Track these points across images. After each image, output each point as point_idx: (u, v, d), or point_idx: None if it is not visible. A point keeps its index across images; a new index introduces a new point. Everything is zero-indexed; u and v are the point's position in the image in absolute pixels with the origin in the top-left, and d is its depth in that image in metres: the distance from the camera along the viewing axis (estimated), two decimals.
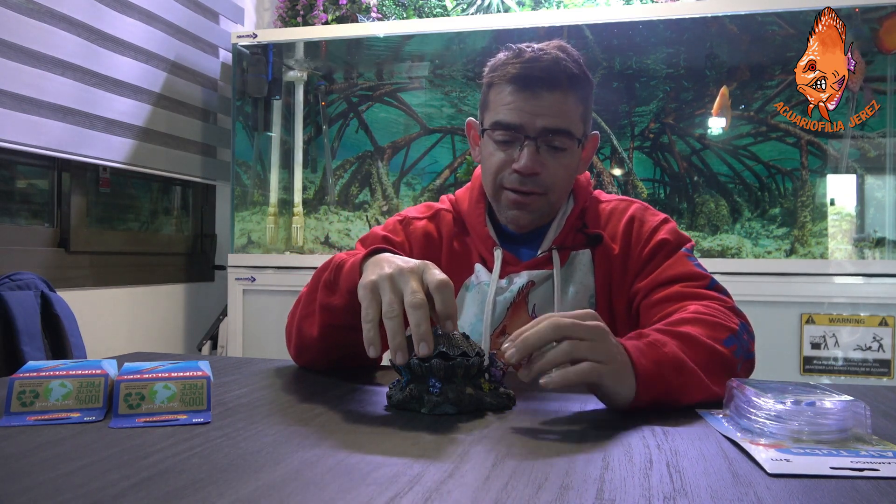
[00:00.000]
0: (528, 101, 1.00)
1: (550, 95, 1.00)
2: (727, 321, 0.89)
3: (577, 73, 1.02)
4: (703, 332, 0.84)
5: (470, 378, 0.73)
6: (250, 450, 0.58)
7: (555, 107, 1.00)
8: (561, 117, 1.01)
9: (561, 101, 1.01)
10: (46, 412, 0.68)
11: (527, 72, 1.00)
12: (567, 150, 1.03)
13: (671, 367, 0.75)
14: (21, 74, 1.86)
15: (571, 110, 1.02)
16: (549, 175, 1.03)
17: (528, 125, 1.01)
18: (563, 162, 1.04)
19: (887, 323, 1.97)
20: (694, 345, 0.81)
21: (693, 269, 1.01)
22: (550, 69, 1.00)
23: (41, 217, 2.17)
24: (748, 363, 0.89)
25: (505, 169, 1.04)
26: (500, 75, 1.03)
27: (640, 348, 0.75)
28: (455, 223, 1.15)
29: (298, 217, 2.63)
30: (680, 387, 0.75)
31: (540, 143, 1.02)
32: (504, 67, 1.02)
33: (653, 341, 0.77)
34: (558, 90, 1.00)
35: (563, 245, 1.09)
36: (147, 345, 2.44)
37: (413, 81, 2.61)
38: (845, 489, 0.50)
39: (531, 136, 1.01)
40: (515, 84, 1.01)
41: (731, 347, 0.85)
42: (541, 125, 1.01)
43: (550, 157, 1.03)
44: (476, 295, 1.09)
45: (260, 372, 0.97)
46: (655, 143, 2.34)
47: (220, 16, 2.75)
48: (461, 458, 0.56)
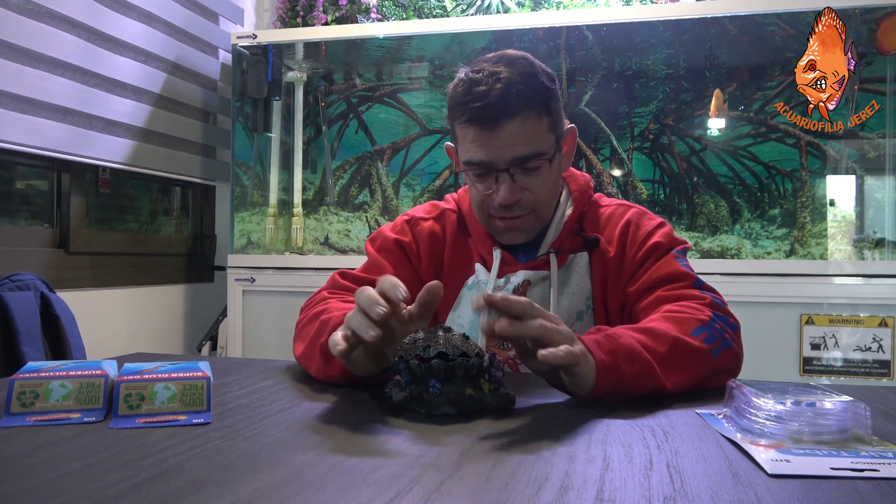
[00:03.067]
0: (491, 138, 0.99)
1: (509, 124, 0.98)
2: (696, 314, 0.91)
3: (530, 92, 0.99)
4: (670, 326, 0.87)
5: (470, 379, 0.73)
6: (250, 450, 0.58)
7: (517, 134, 0.99)
8: (526, 143, 1.00)
9: (521, 126, 0.99)
10: (46, 413, 0.68)
11: (480, 110, 0.98)
12: (541, 168, 1.03)
13: (625, 356, 0.78)
14: (21, 75, 1.86)
15: (535, 130, 1.01)
16: (532, 195, 1.04)
17: (497, 159, 1.00)
18: (542, 178, 1.04)
19: (887, 324, 1.97)
20: (656, 336, 0.83)
21: (679, 269, 1.02)
22: (502, 99, 0.97)
23: (41, 218, 2.17)
24: (728, 352, 0.90)
25: (487, 200, 1.05)
26: (458, 116, 1.02)
27: (597, 341, 0.78)
28: (458, 223, 1.16)
29: (298, 218, 2.63)
30: (634, 375, 0.78)
31: (514, 171, 1.01)
32: (460, 108, 1.01)
33: (610, 334, 0.80)
34: (517, 117, 0.98)
35: (561, 248, 1.10)
36: (147, 345, 2.44)
37: (413, 82, 2.61)
38: (845, 490, 0.50)
39: (502, 169, 1.01)
40: (473, 124, 1.00)
41: (700, 336, 0.87)
42: (509, 156, 1.00)
43: (528, 180, 1.03)
44: (475, 293, 1.10)
45: (260, 372, 0.97)
46: (655, 144, 2.35)
47: (220, 16, 2.75)
48: (461, 458, 0.56)
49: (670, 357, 0.82)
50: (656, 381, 0.80)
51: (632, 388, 0.78)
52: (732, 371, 0.92)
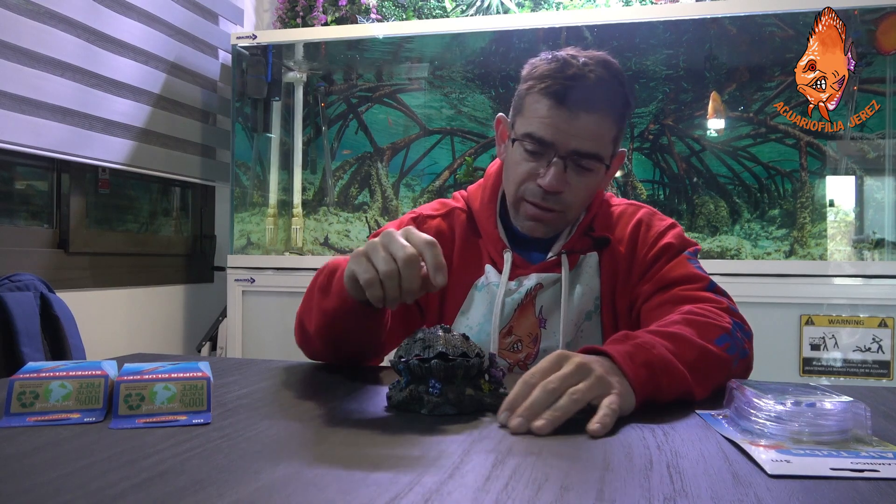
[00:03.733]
0: (565, 120, 0.98)
1: (588, 117, 0.97)
2: (719, 321, 0.89)
3: (619, 97, 1.00)
4: (694, 332, 0.84)
5: (470, 379, 0.73)
6: (250, 450, 0.58)
7: (590, 129, 0.98)
8: (594, 141, 0.99)
9: (597, 124, 0.98)
10: (46, 413, 0.68)
11: (568, 90, 0.96)
12: (593, 171, 1.02)
13: (661, 369, 0.76)
14: (20, 75, 1.86)
15: (605, 134, 1.00)
16: (572, 194, 1.03)
17: (560, 144, 0.99)
18: (587, 183, 1.03)
19: (887, 324, 1.97)
20: (683, 344, 0.81)
21: (692, 271, 1.02)
22: (593, 90, 0.96)
23: (40, 218, 2.17)
24: (744, 361, 0.89)
25: (529, 180, 1.03)
26: (540, 85, 0.99)
27: (628, 353, 0.75)
28: (468, 223, 1.14)
29: (298, 218, 2.63)
30: (667, 387, 0.76)
31: (568, 162, 1.00)
32: (545, 79, 0.98)
33: (641, 343, 0.78)
34: (597, 113, 0.98)
35: (573, 249, 1.09)
36: (146, 346, 2.44)
37: (412, 83, 2.61)
38: (845, 490, 0.50)
39: (561, 155, 0.99)
40: (554, 99, 0.97)
41: (724, 346, 0.85)
42: (573, 146, 0.99)
43: (575, 177, 1.01)
44: (485, 295, 1.09)
45: (260, 373, 0.97)
46: (655, 145, 2.35)
47: (220, 17, 2.75)
48: (461, 458, 0.56)
49: (697, 366, 0.80)
50: (687, 389, 0.78)
51: (664, 398, 0.76)
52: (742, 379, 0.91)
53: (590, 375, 0.69)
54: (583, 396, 0.67)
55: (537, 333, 1.07)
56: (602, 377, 0.70)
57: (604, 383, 0.70)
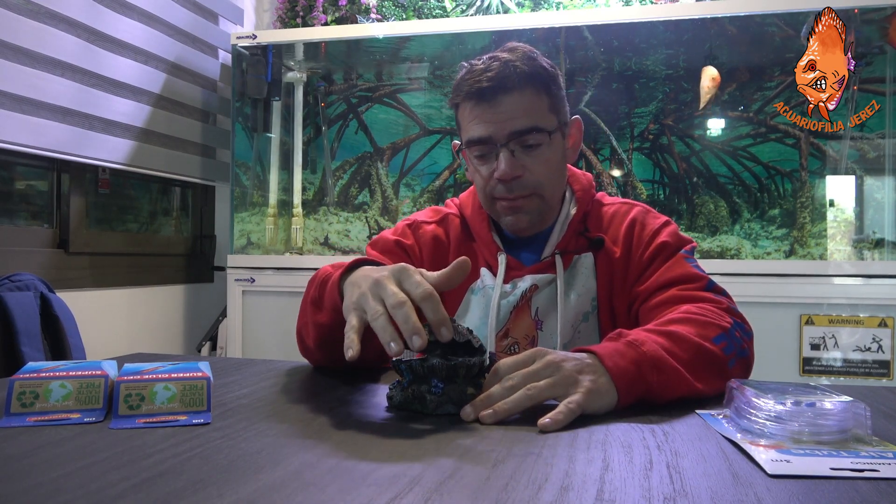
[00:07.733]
0: (489, 111, 1.02)
1: (507, 98, 1.01)
2: (718, 320, 0.89)
3: (529, 70, 1.02)
4: (692, 330, 0.85)
5: (471, 378, 0.73)
6: (250, 451, 0.58)
7: (515, 108, 1.01)
8: (525, 116, 1.02)
9: (519, 101, 1.01)
10: (46, 413, 0.68)
11: (479, 84, 1.01)
12: (542, 144, 1.04)
13: (650, 365, 0.76)
14: (20, 75, 1.86)
15: (534, 106, 1.03)
16: (532, 174, 1.04)
17: (496, 134, 1.02)
18: (543, 157, 1.04)
19: (886, 324, 1.97)
20: (679, 342, 0.81)
21: (690, 271, 1.02)
22: (500, 73, 1.01)
23: (40, 218, 2.17)
24: (742, 361, 0.89)
25: (490, 181, 1.06)
26: (459, 95, 1.05)
27: (616, 350, 0.76)
28: (462, 228, 1.16)
29: (298, 218, 2.63)
30: (661, 385, 0.76)
31: (513, 146, 1.02)
32: (461, 87, 1.04)
33: (631, 340, 0.78)
34: (514, 91, 1.01)
35: (566, 249, 1.09)
36: (146, 346, 2.44)
37: (412, 82, 2.61)
38: (845, 490, 0.50)
39: (502, 143, 1.02)
40: (473, 99, 1.03)
41: (721, 345, 0.85)
42: (508, 130, 1.02)
43: (528, 157, 1.04)
44: (481, 299, 1.10)
45: (260, 373, 0.97)
46: (655, 144, 2.35)
47: (220, 17, 2.75)
48: (461, 458, 0.56)
49: (693, 363, 0.80)
50: (687, 385, 0.78)
51: (661, 396, 0.76)
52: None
53: (556, 373, 0.71)
54: (539, 393, 0.69)
55: (534, 335, 1.07)
56: (569, 376, 0.71)
57: (569, 381, 0.71)
